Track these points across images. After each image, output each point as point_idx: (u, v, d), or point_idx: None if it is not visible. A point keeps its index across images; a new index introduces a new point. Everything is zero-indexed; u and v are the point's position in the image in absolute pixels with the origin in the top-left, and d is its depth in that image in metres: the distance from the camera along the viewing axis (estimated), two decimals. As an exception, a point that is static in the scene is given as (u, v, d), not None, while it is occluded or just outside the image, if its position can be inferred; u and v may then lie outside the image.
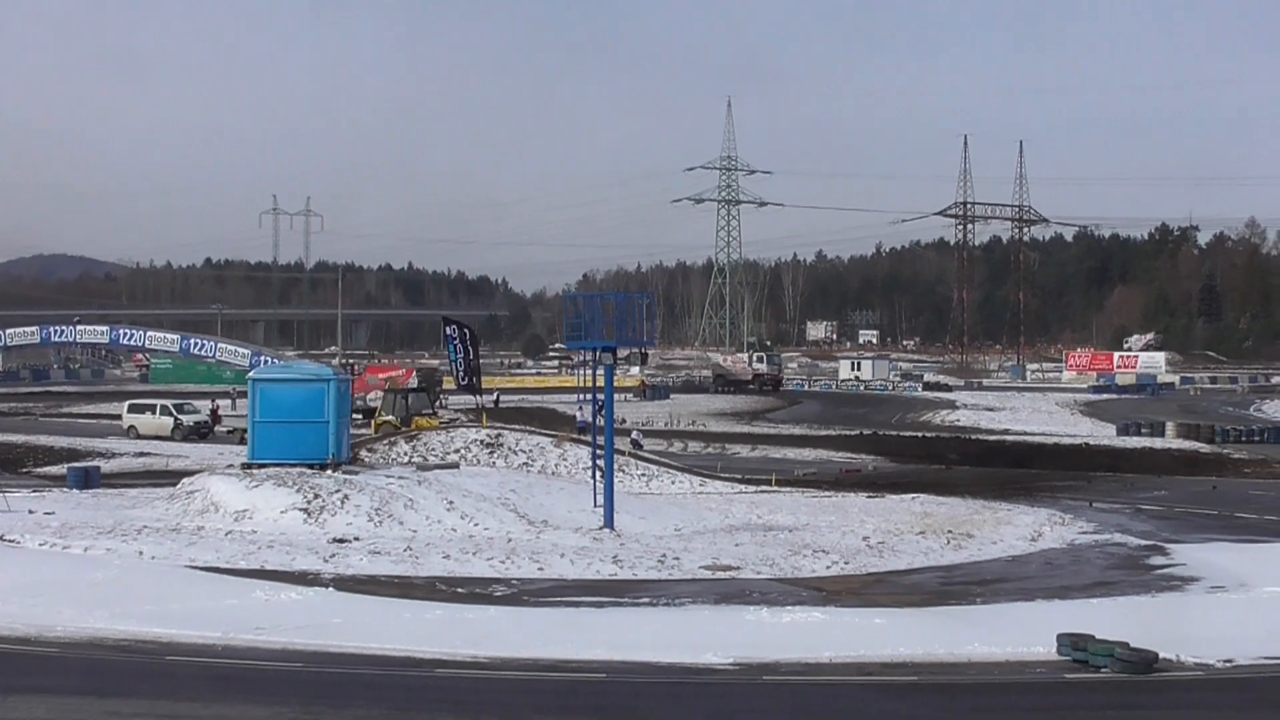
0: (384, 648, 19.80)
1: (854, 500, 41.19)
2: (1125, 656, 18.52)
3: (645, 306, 36.82)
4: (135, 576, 26.19)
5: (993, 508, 38.64)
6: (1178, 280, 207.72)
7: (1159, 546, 31.79)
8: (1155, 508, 40.80)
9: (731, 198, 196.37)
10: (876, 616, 22.85)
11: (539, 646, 19.91)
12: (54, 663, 18.99)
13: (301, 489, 34.75)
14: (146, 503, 36.74)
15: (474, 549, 30.31)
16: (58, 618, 21.56)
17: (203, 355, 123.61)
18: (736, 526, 35.60)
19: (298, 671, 18.43)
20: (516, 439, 48.83)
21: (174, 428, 65.29)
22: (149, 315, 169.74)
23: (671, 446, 61.47)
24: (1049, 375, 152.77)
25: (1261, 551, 30.81)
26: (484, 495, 36.25)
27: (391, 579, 26.74)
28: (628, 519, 34.67)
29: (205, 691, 16.98)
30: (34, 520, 33.61)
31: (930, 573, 28.76)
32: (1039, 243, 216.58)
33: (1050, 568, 29.39)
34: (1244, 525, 36.80)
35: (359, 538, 31.61)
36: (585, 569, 28.24)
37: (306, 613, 22.69)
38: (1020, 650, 19.87)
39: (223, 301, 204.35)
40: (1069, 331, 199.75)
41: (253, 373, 48.75)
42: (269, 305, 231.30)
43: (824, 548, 31.24)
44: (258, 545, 30.20)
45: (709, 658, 19.22)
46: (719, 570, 28.26)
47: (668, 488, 44.85)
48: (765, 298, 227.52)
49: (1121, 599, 24.78)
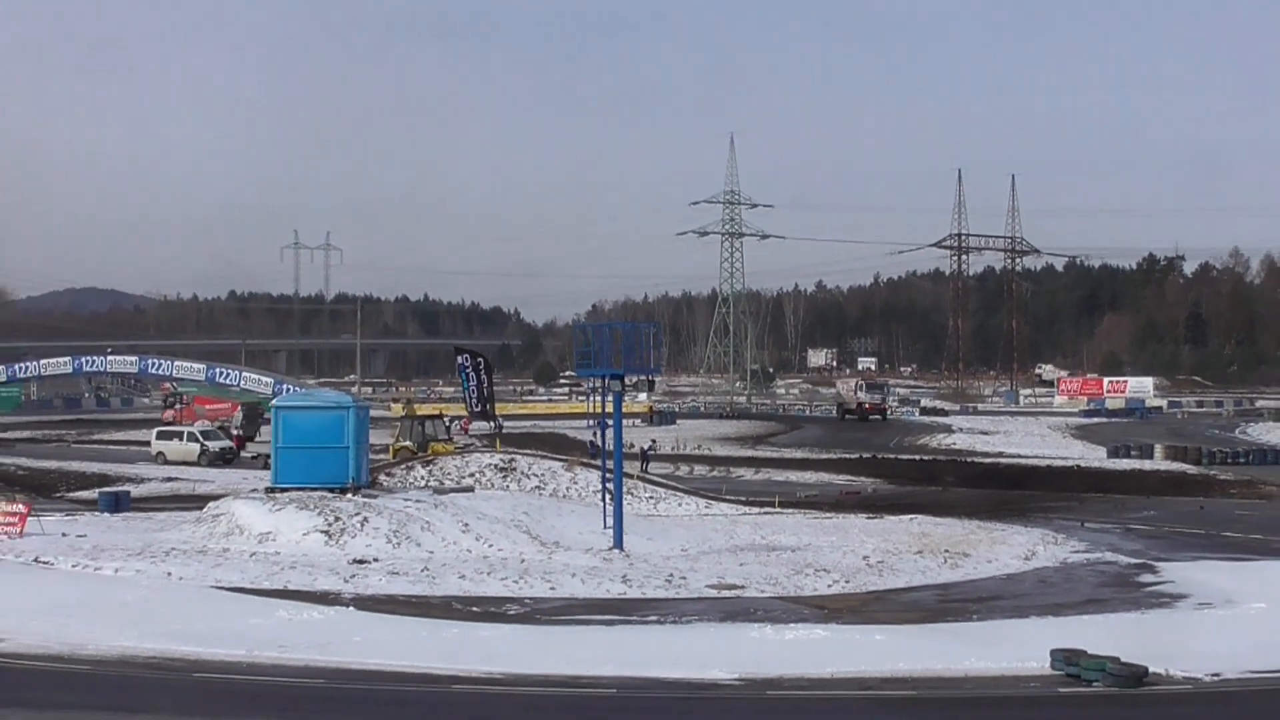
0: (402, 665, 19.80)
1: (854, 521, 41.13)
2: (1116, 671, 18.51)
3: (652, 335, 36.88)
4: (164, 597, 26.22)
5: (988, 528, 38.58)
6: (1165, 308, 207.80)
7: (1149, 565, 31.74)
8: (1145, 527, 40.74)
9: (735, 230, 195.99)
10: (876, 633, 22.82)
11: (551, 663, 19.90)
12: (86, 680, 19.01)
13: (323, 512, 34.77)
14: (174, 525, 36.76)
15: (488, 569, 30.30)
16: (89, 636, 21.59)
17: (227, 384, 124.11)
18: (741, 547, 35.57)
19: (320, 688, 18.43)
20: (529, 463, 48.83)
21: (200, 453, 65.34)
22: (176, 346, 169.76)
23: (678, 470, 61.47)
24: (1041, 400, 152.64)
25: (1247, 569, 30.75)
26: (498, 517, 36.24)
27: (409, 598, 26.75)
28: (636, 540, 34.65)
29: (231, 708, 17.00)
30: (67, 543, 33.68)
31: (928, 591, 28.73)
32: (1031, 272, 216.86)
33: (1044, 586, 29.35)
34: (1230, 544, 36.71)
35: (378, 559, 31.61)
36: (596, 588, 28.26)
37: (328, 631, 22.69)
38: (1015, 665, 19.85)
39: (246, 332, 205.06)
40: (1060, 358, 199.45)
41: (275, 401, 48.85)
42: (290, 336, 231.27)
43: (825, 567, 31.21)
44: (281, 566, 30.24)
45: (715, 673, 19.21)
46: (724, 589, 28.24)
47: (674, 510, 44.83)
48: (768, 326, 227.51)
49: (1112, 615, 24.75)
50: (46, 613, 23.62)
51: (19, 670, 19.70)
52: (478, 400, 60.03)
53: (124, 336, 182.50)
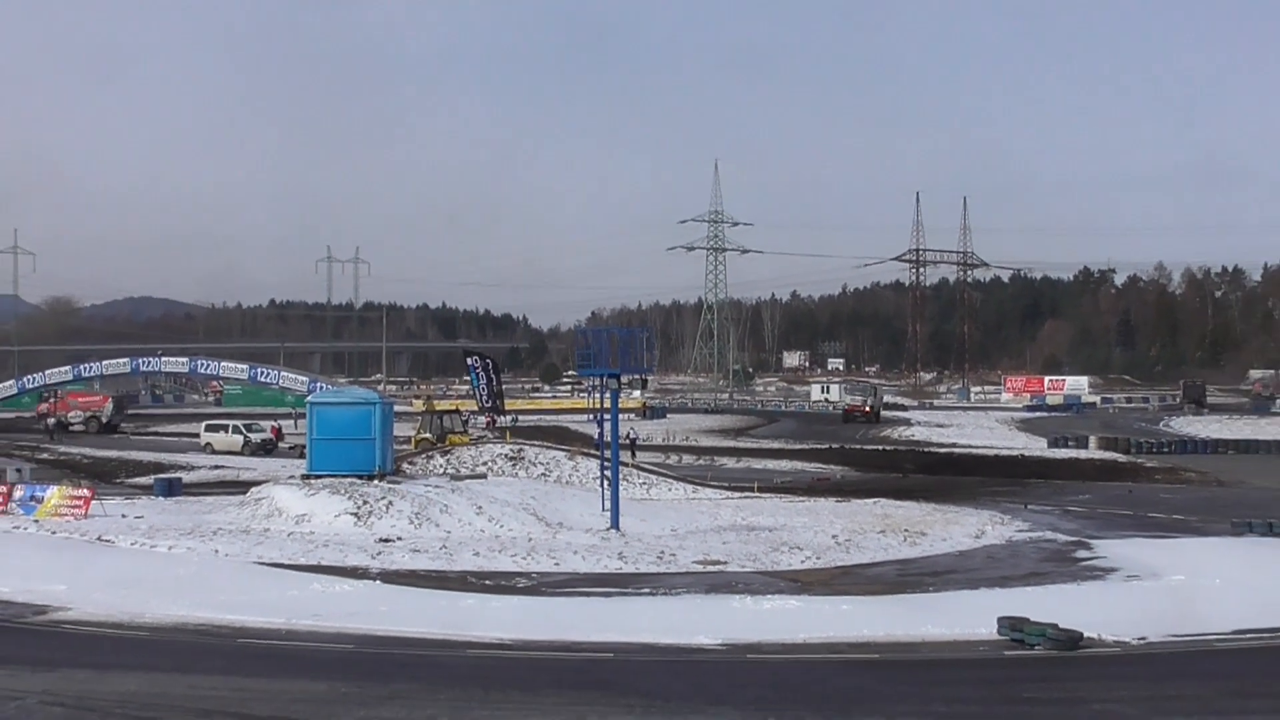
0: (423, 632, 19.81)
1: (824, 504, 41.10)
2: (1055, 636, 18.54)
3: (645, 339, 36.90)
4: (211, 571, 26.23)
5: (943, 510, 38.60)
6: (1098, 315, 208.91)
7: (1084, 542, 31.75)
8: (1080, 509, 40.77)
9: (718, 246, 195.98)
10: (844, 603, 22.81)
11: (555, 630, 19.91)
12: (143, 644, 19.02)
13: (352, 496, 34.77)
14: (221, 508, 36.72)
15: (500, 547, 30.29)
16: (146, 606, 21.60)
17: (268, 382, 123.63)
18: (724, 527, 35.57)
19: (350, 652, 18.43)
20: (536, 453, 48.82)
21: (244, 444, 65.35)
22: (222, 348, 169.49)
23: (668, 459, 61.39)
24: (990, 397, 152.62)
25: (1170, 546, 30.79)
26: (508, 501, 36.22)
27: (429, 573, 26.75)
28: (631, 521, 34.63)
29: (272, 669, 16.99)
30: (126, 523, 33.70)
31: (890, 566, 28.73)
32: (980, 283, 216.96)
33: (992, 561, 29.36)
34: (1155, 523, 36.76)
35: (401, 538, 31.60)
36: (595, 564, 28.26)
37: (357, 602, 22.70)
38: (966, 631, 19.87)
39: (285, 336, 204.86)
40: (1006, 360, 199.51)
41: (310, 397, 48.77)
42: (324, 339, 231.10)
43: (799, 545, 31.22)
44: (315, 544, 30.24)
45: (701, 639, 19.21)
46: (709, 564, 28.25)
47: (665, 494, 44.78)
48: (748, 331, 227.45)
49: (1052, 587, 24.76)
50: (108, 585, 23.64)
51: (84, 635, 19.74)
52: (487, 396, 60.08)
53: (176, 340, 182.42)
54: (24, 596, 22.74)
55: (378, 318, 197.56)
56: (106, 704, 14.30)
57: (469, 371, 64.07)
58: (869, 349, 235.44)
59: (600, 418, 36.52)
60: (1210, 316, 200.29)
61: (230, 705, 14.30)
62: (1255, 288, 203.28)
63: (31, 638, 19.59)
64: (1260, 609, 21.63)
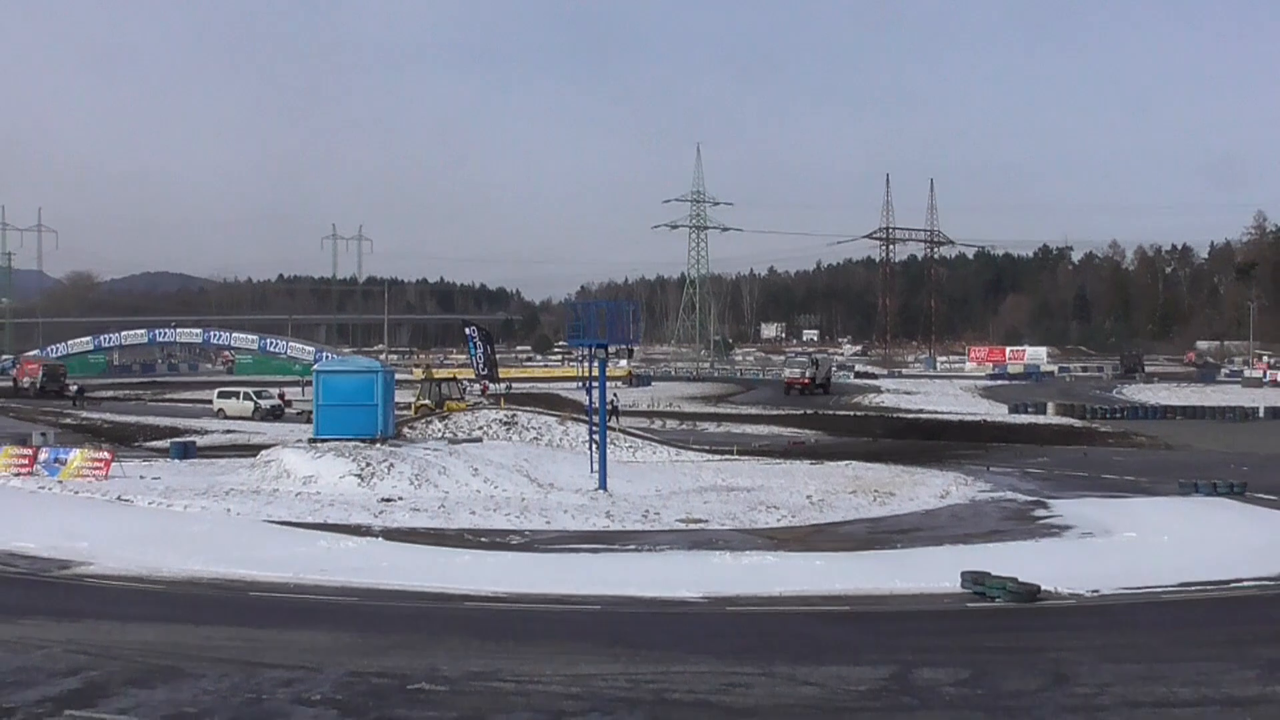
0: (423, 585, 19.85)
1: (799, 466, 41.14)
2: (1014, 589, 18.63)
3: (631, 312, 36.81)
4: (224, 529, 26.26)
5: (910, 472, 38.65)
6: (1056, 290, 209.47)
7: (1042, 502, 31.87)
8: (1039, 471, 40.89)
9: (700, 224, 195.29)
10: (818, 559, 22.90)
11: (547, 584, 19.96)
12: (161, 597, 19.04)
13: (356, 459, 34.76)
14: (233, 470, 36.72)
15: (494, 507, 30.33)
16: (163, 562, 21.62)
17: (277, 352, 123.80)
18: (705, 488, 35.59)
19: (354, 604, 18.46)
20: (528, 418, 48.81)
21: (254, 410, 65.15)
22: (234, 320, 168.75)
23: (653, 424, 61.39)
24: (955, 366, 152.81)
25: (1121, 505, 30.91)
26: (502, 464, 36.24)
27: (428, 531, 26.79)
28: (618, 482, 34.66)
29: (281, 620, 17.02)
30: (144, 484, 33.69)
31: (860, 524, 28.79)
32: (947, 260, 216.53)
33: (956, 519, 29.46)
34: (1108, 484, 36.90)
35: (402, 498, 31.62)
36: (584, 522, 28.31)
37: (360, 558, 22.74)
38: (932, 585, 19.94)
39: (292, 309, 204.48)
40: (970, 331, 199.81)
41: (316, 366, 48.79)
42: (329, 312, 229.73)
43: (775, 505, 31.26)
44: (321, 504, 30.26)
45: (683, 592, 19.28)
46: (691, 523, 28.30)
47: (650, 457, 44.79)
48: (728, 305, 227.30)
49: (1012, 544, 24.88)
50: (128, 542, 23.65)
51: (106, 588, 19.76)
52: (483, 365, 60.06)
53: (190, 313, 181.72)
54: (49, 552, 22.75)
55: (380, 292, 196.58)
56: (127, 652, 14.32)
57: (467, 342, 64.03)
58: (842, 322, 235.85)
59: (589, 385, 36.56)
60: (1160, 291, 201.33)
61: (242, 654, 14.32)
62: (1202, 265, 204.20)
63: (56, 591, 19.61)
64: (1204, 563, 21.78)
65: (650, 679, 13.20)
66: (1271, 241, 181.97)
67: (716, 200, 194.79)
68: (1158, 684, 13.21)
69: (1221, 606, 19.02)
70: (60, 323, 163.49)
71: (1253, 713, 11.93)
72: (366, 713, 11.62)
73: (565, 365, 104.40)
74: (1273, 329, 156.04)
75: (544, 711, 11.67)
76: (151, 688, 12.44)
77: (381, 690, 12.54)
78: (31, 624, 16.20)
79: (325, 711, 11.67)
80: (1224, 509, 30.13)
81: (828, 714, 11.79)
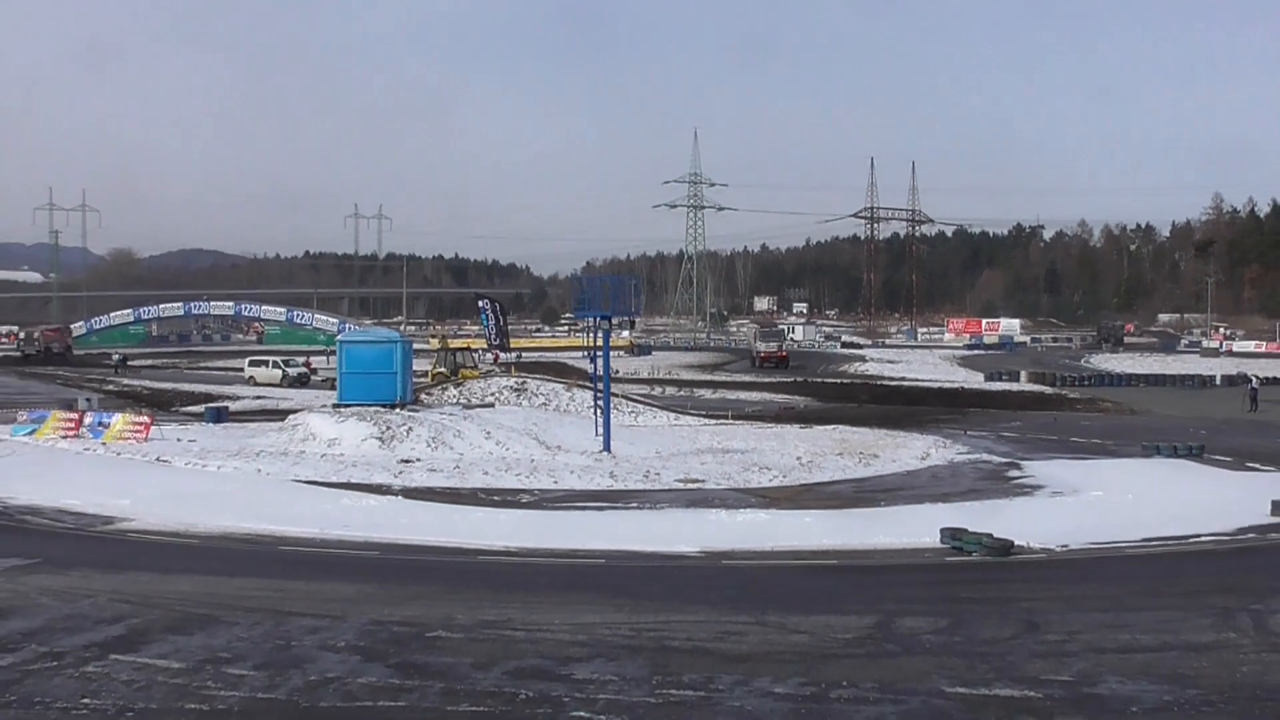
0: (439, 540, 19.87)
1: (790, 430, 41.13)
2: (990, 544, 18.64)
3: (633, 286, 36.85)
4: (255, 488, 26.27)
5: (893, 435, 38.65)
6: (1029, 266, 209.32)
7: (1015, 463, 31.86)
8: (1012, 435, 40.87)
9: (697, 204, 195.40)
10: (806, 516, 22.91)
11: (555, 539, 19.98)
12: (197, 551, 19.07)
13: (377, 423, 34.76)
14: (262, 433, 36.72)
15: (505, 467, 30.33)
16: (199, 518, 21.64)
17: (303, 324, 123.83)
18: (702, 450, 35.57)
19: (376, 558, 18.50)
20: (537, 385, 48.77)
21: (282, 377, 65.16)
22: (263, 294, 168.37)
23: (653, 390, 61.35)
24: (934, 336, 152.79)
25: (1088, 466, 30.94)
26: (513, 427, 36.24)
27: (444, 490, 26.77)
28: (621, 445, 34.68)
29: (308, 573, 17.05)
30: (181, 446, 33.69)
31: (847, 484, 28.72)
32: (927, 237, 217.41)
33: (935, 479, 29.43)
34: (1077, 447, 36.89)
35: (420, 459, 31.62)
36: (589, 482, 28.28)
37: (381, 515, 22.74)
38: (913, 540, 19.96)
39: (317, 283, 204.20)
40: (949, 304, 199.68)
41: (340, 336, 48.83)
42: (352, 286, 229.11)
43: (768, 465, 31.23)
44: (344, 465, 30.26)
45: (682, 547, 19.29)
46: (689, 483, 28.29)
47: (650, 421, 44.81)
48: (723, 279, 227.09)
49: (987, 502, 24.85)
50: (166, 500, 23.67)
51: (146, 543, 19.80)
52: (495, 335, 60.06)
53: (223, 287, 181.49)
54: (94, 509, 22.79)
55: (398, 267, 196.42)
56: (166, 601, 14.36)
57: (480, 313, 63.98)
58: (829, 295, 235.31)
59: (594, 354, 36.56)
60: (1125, 267, 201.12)
61: (272, 603, 14.36)
62: (1164, 243, 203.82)
63: (101, 544, 19.65)
64: (1165, 519, 21.80)
65: (651, 627, 13.23)
66: (1228, 221, 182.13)
67: (713, 181, 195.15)
68: (1122, 631, 13.25)
69: (1180, 560, 19.04)
70: (103, 296, 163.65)
71: (1208, 657, 11.96)
72: (387, 658, 11.66)
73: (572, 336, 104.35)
74: (1229, 303, 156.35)
75: (552, 658, 11.69)
76: (189, 634, 12.48)
77: (401, 637, 12.57)
78: (78, 575, 16.24)
79: (349, 657, 11.70)
80: (1183, 470, 30.16)
81: (817, 660, 11.81)
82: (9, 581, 15.56)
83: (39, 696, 10.21)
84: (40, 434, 36.00)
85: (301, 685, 10.64)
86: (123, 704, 10.01)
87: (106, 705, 9.99)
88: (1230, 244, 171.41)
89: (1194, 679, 11.04)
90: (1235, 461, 31.94)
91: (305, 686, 10.61)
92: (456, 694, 10.43)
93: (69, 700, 10.10)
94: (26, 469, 28.76)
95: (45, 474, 27.74)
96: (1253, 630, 13.24)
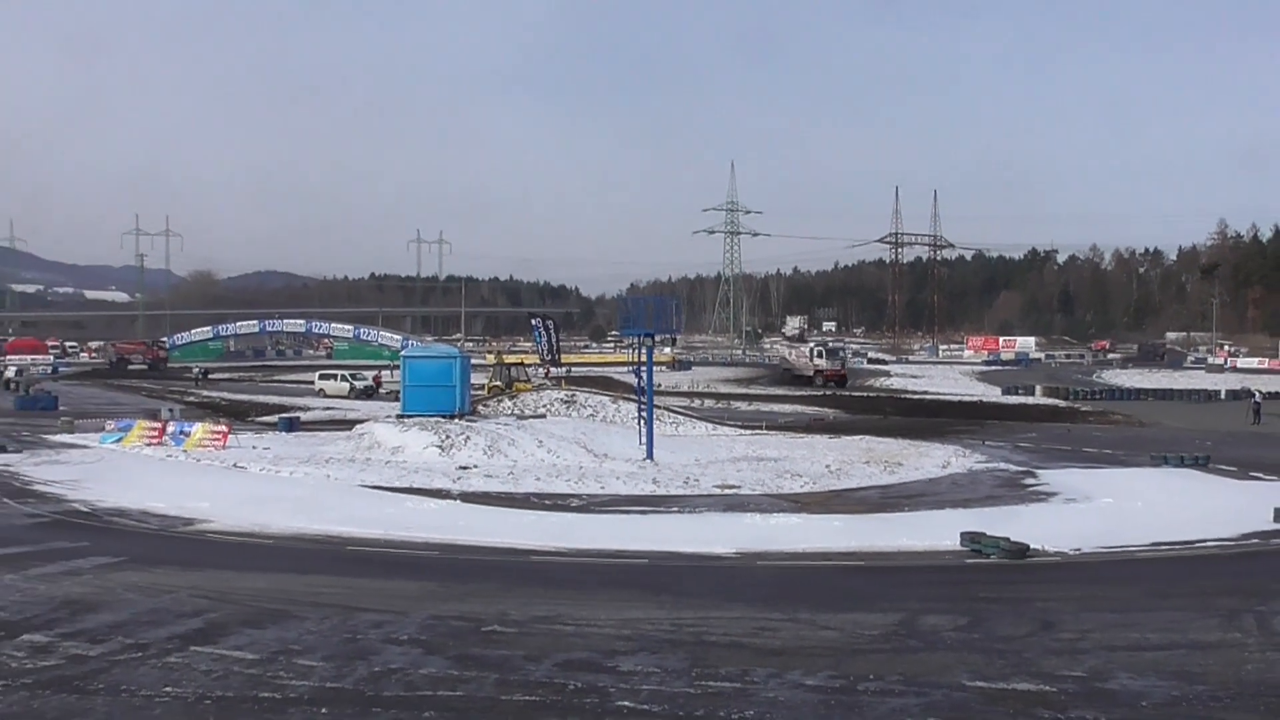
0: (494, 541, 19.87)
1: (820, 440, 41.03)
2: (1007, 547, 18.48)
3: (674, 306, 36.82)
4: (324, 492, 26.40)
5: (916, 445, 38.44)
6: (1044, 287, 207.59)
7: (1031, 472, 31.58)
8: (1028, 445, 40.55)
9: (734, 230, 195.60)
10: (836, 520, 22.81)
11: (601, 540, 19.96)
12: (270, 551, 19.17)
13: (437, 432, 34.91)
14: (331, 442, 36.94)
15: (556, 473, 30.37)
16: (272, 520, 21.75)
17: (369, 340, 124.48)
18: (738, 458, 35.54)
19: (436, 558, 18.53)
20: (586, 397, 48.86)
21: (350, 390, 65.71)
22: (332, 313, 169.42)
23: (692, 403, 61.36)
24: (955, 353, 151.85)
25: (1100, 474, 30.64)
26: (563, 436, 36.30)
27: (500, 494, 26.83)
28: (663, 453, 34.68)
29: (373, 571, 17.11)
30: (256, 453, 33.96)
31: (873, 490, 28.62)
32: (948, 261, 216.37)
33: (956, 486, 29.24)
34: (1089, 456, 36.54)
35: (477, 465, 31.72)
36: (633, 487, 28.28)
37: (441, 517, 22.81)
38: (934, 543, 19.81)
39: (382, 303, 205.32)
40: (969, 323, 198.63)
41: (403, 352, 49.07)
42: (414, 305, 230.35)
43: (799, 473, 31.16)
44: (407, 471, 30.38)
45: (719, 549, 19.23)
46: (726, 488, 28.25)
47: (690, 432, 44.82)
48: (757, 299, 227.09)
49: (1005, 507, 24.65)
50: (243, 503, 23.83)
51: (224, 543, 19.90)
52: (548, 351, 60.16)
53: (295, 306, 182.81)
54: (175, 511, 22.94)
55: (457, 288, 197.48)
56: (242, 597, 14.45)
57: (533, 331, 64.13)
58: (856, 314, 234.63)
59: (638, 369, 36.57)
60: (1134, 289, 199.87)
61: (340, 599, 14.42)
62: (1171, 266, 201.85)
63: (182, 544, 19.78)
64: (1173, 525, 21.53)
65: (691, 623, 13.21)
66: (1233, 245, 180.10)
67: (748, 209, 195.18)
68: (1132, 630, 13.10)
69: (1188, 564, 18.80)
70: (185, 314, 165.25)
71: (1215, 655, 11.82)
72: (447, 650, 11.68)
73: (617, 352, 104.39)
74: (1233, 322, 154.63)
75: (599, 650, 11.69)
76: (263, 628, 12.55)
77: (459, 631, 12.60)
78: (161, 572, 16.36)
79: (411, 649, 11.74)
80: (1190, 479, 29.79)
81: (846, 655, 11.75)
82: (98, 578, 15.72)
83: (125, 685, 10.31)
84: (126, 442, 36.38)
85: (367, 675, 10.69)
86: (201, 692, 10.09)
87: (186, 693, 10.06)
88: (1235, 267, 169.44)
89: (1201, 676, 10.91)
90: (1239, 471, 31.50)
91: (370, 677, 10.65)
92: (510, 684, 10.44)
93: (152, 688, 10.18)
94: (114, 474, 29.01)
95: (131, 479, 28.00)
96: (1256, 630, 13.08)
